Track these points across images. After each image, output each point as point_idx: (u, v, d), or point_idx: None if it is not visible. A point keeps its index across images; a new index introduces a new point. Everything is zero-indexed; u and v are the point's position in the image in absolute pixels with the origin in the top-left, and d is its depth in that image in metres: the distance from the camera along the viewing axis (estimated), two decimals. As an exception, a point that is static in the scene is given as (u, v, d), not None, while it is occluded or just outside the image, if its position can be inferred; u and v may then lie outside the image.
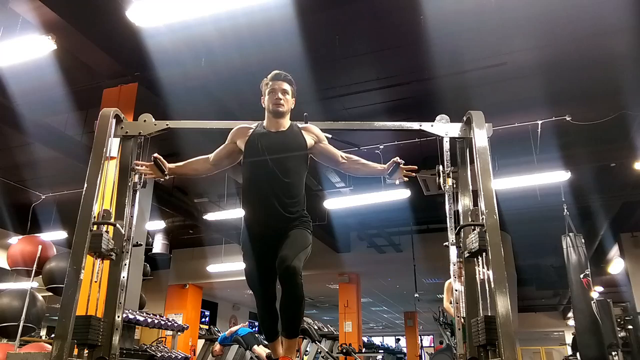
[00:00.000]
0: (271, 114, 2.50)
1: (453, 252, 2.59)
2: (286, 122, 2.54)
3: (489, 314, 2.24)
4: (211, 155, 2.65)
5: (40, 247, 5.69)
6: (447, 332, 8.54)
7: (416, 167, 2.60)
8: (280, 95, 2.46)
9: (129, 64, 5.30)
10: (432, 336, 23.00)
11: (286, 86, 2.49)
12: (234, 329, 8.44)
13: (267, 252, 2.36)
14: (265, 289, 2.44)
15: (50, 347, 3.05)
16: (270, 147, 2.44)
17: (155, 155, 2.63)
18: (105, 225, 2.46)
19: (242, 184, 2.53)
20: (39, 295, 5.87)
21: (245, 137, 2.51)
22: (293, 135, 2.51)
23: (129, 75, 5.42)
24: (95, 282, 2.41)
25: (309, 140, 2.53)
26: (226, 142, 2.62)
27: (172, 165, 2.68)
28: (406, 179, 2.63)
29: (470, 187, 2.66)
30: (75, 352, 2.21)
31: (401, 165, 2.55)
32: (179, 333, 6.35)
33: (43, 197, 8.60)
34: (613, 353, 6.32)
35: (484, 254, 2.35)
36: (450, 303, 5.47)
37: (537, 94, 5.90)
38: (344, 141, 6.14)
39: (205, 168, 2.66)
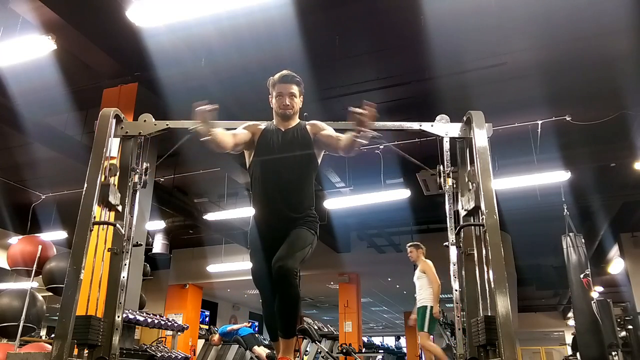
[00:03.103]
0: (279, 117, 2.51)
1: (453, 252, 2.59)
2: (294, 122, 2.55)
3: (489, 314, 2.24)
4: (235, 133, 2.46)
5: (40, 247, 5.68)
6: (447, 332, 8.54)
7: (374, 107, 2.08)
8: (287, 102, 2.46)
9: (129, 64, 5.30)
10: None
11: (294, 89, 2.47)
12: (235, 326, 8.49)
13: (273, 251, 2.35)
14: (270, 288, 2.43)
15: (50, 347, 3.05)
16: (279, 146, 2.45)
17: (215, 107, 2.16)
18: (112, 177, 2.52)
19: (252, 183, 2.52)
20: (39, 295, 5.86)
21: (258, 133, 2.51)
22: (302, 135, 2.51)
23: (129, 75, 5.43)
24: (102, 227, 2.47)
25: (312, 135, 2.53)
26: (245, 128, 2.51)
27: (216, 131, 2.28)
28: (363, 118, 2.09)
29: (471, 187, 2.66)
30: (75, 352, 2.21)
31: (356, 115, 2.09)
32: (179, 333, 6.35)
33: (43, 197, 8.61)
34: (613, 353, 6.32)
35: (479, 211, 2.34)
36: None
37: (537, 94, 5.89)
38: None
39: (229, 146, 2.41)
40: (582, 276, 6.12)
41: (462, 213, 2.67)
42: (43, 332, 14.51)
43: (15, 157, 7.57)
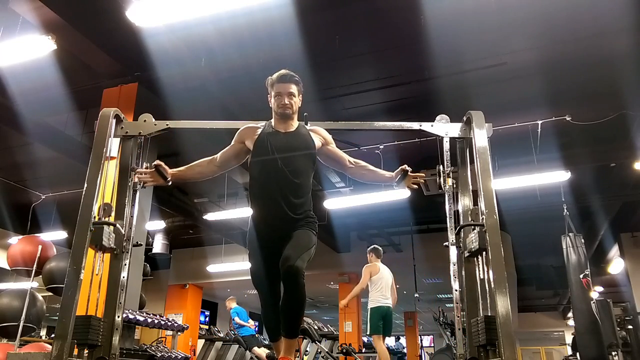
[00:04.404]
0: (278, 116, 2.51)
1: (453, 252, 2.59)
2: (294, 123, 2.55)
3: (489, 314, 2.24)
4: (216, 156, 2.61)
5: (40, 247, 5.68)
6: (447, 332, 8.55)
7: (423, 174, 2.67)
8: (286, 101, 2.46)
9: (129, 64, 5.30)
10: (432, 336, 22.99)
11: (292, 88, 2.47)
12: (242, 322, 8.63)
13: (273, 251, 2.36)
14: (270, 289, 2.44)
15: (50, 347, 3.05)
16: (279, 147, 2.44)
17: (157, 162, 2.58)
18: (106, 217, 2.47)
19: (250, 184, 2.53)
20: (39, 295, 5.86)
21: (254, 136, 2.51)
22: (302, 136, 2.52)
23: (129, 75, 5.43)
24: (97, 274, 2.42)
25: (317, 142, 2.55)
26: (233, 142, 2.59)
27: (174, 171, 2.63)
28: (415, 186, 2.68)
29: (470, 187, 2.67)
30: (75, 352, 2.21)
31: (409, 173, 2.62)
32: (179, 333, 6.35)
33: (43, 197, 8.60)
34: (613, 353, 6.31)
35: (484, 253, 2.35)
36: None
37: (537, 94, 5.89)
38: (344, 141, 6.14)
39: (211, 170, 2.62)
40: (581, 276, 6.12)
41: (462, 213, 2.67)
42: (43, 332, 14.52)
43: (15, 157, 7.58)
